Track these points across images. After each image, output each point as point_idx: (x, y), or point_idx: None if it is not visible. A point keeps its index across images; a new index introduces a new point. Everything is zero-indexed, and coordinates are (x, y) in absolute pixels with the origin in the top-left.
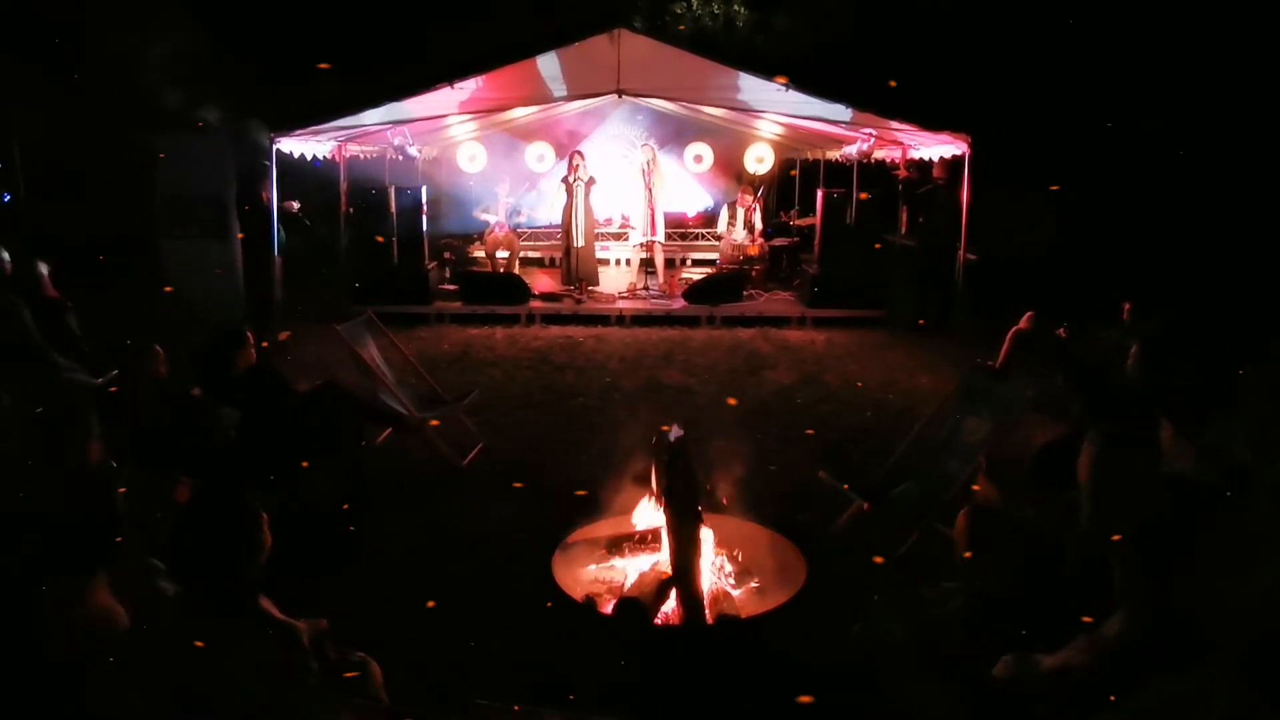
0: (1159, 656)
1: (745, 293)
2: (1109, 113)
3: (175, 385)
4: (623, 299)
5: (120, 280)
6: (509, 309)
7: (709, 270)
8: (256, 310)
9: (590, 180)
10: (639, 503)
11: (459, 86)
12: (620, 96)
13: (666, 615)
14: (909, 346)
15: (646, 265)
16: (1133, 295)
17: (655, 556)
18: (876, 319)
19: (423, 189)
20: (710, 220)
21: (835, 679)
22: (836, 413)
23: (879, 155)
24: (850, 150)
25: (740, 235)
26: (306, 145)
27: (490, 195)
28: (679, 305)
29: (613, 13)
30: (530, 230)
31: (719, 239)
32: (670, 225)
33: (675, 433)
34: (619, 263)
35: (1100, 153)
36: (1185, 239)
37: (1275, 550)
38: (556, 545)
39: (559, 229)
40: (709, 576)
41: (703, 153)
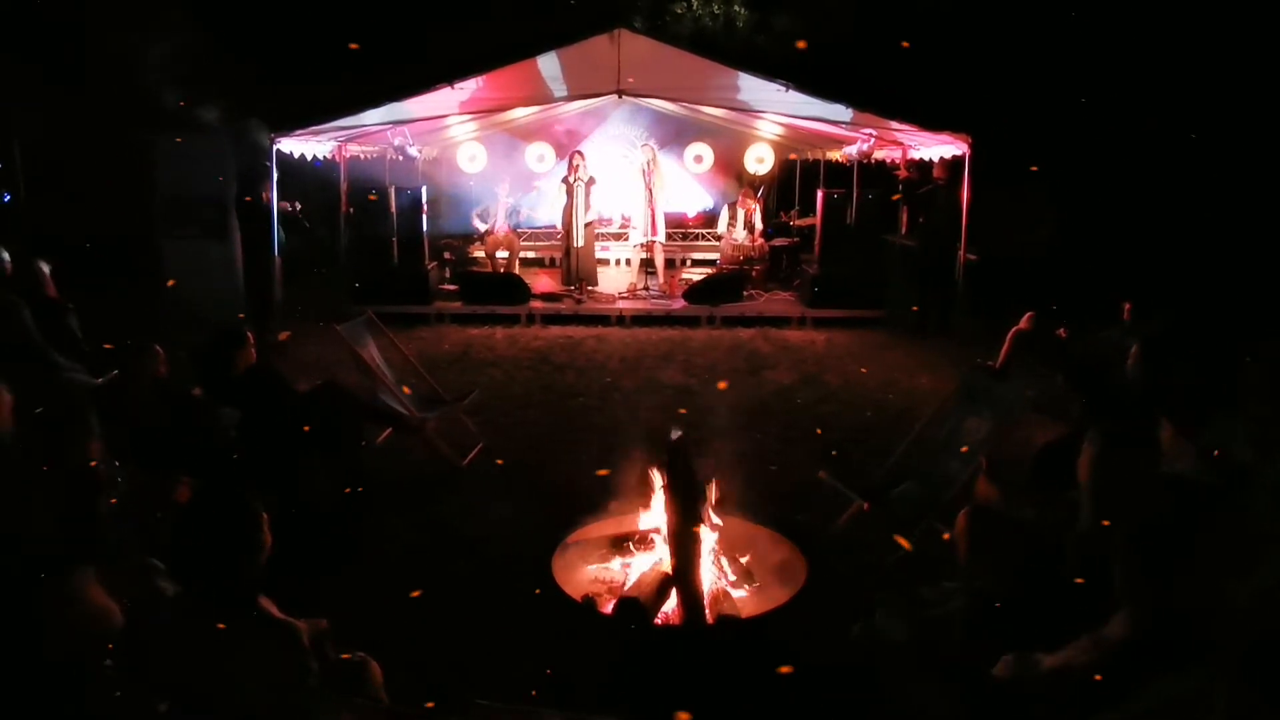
0: (1159, 657)
1: (745, 293)
2: (1109, 112)
3: (175, 385)
4: (623, 299)
5: (120, 280)
6: (509, 309)
7: (709, 270)
8: (256, 310)
9: (590, 180)
10: (639, 503)
11: (459, 86)
12: (620, 97)
13: (666, 615)
14: (909, 346)
15: (647, 265)
16: (1133, 295)
17: (655, 556)
18: (877, 319)
19: (423, 189)
20: (710, 220)
21: (835, 679)
22: (837, 413)
23: (879, 155)
24: (850, 150)
25: (740, 235)
26: (307, 145)
27: (490, 195)
28: (679, 305)
29: (613, 13)
30: (530, 230)
31: (719, 239)
32: (670, 225)
33: (674, 433)
34: (619, 263)
35: (1100, 153)
36: (1185, 239)
37: (1275, 550)
38: (556, 545)
39: (559, 229)
40: (709, 576)
41: (703, 153)
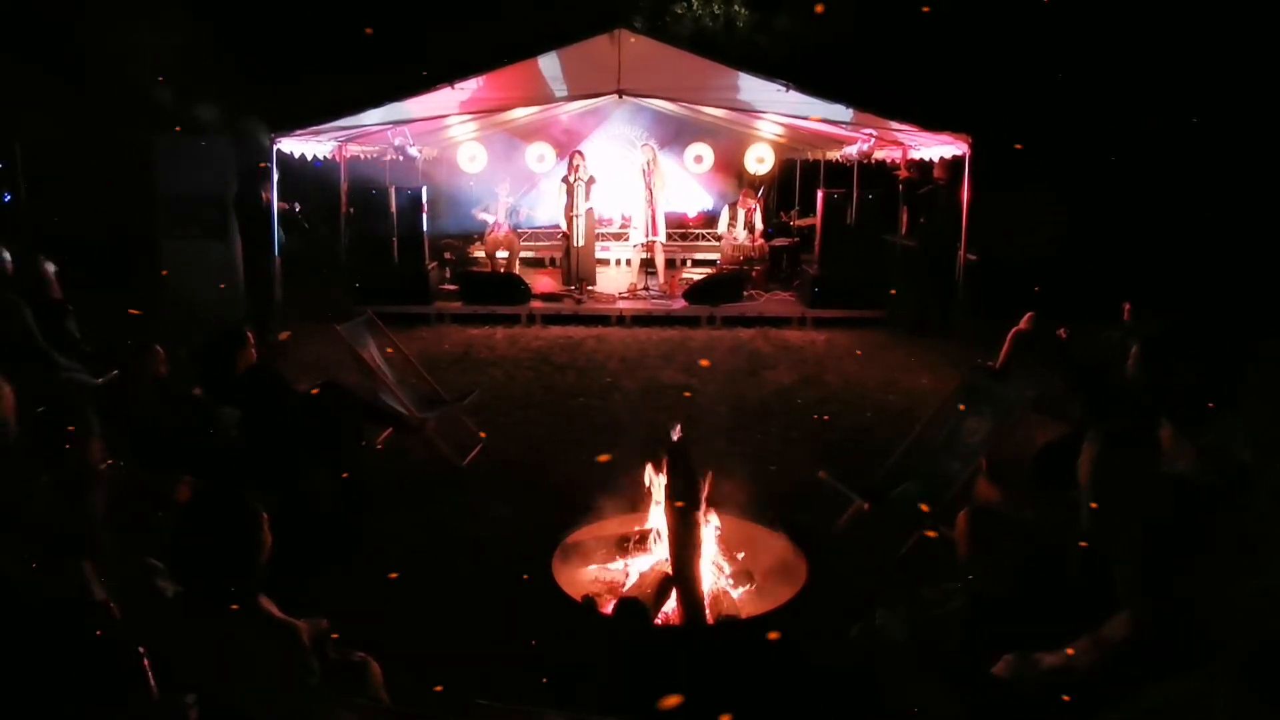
0: (1160, 658)
1: (745, 293)
2: (1109, 113)
3: (175, 385)
4: (623, 299)
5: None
6: (509, 309)
7: (709, 270)
8: (256, 310)
9: (591, 180)
10: (639, 503)
11: (460, 87)
12: (621, 97)
13: (666, 615)
14: (909, 347)
15: (647, 265)
16: (1133, 295)
17: (655, 556)
18: (877, 319)
19: (423, 189)
20: (711, 221)
21: (835, 679)
22: (837, 413)
23: (879, 156)
24: (851, 151)
25: (741, 235)
26: (307, 145)
27: (490, 195)
28: (679, 305)
29: (613, 13)
30: (530, 230)
31: (719, 239)
32: (671, 225)
33: (675, 433)
34: (619, 263)
35: (1100, 153)
36: (1185, 239)
37: (1276, 551)
38: (556, 545)
39: (559, 229)
40: (709, 576)
41: (703, 153)
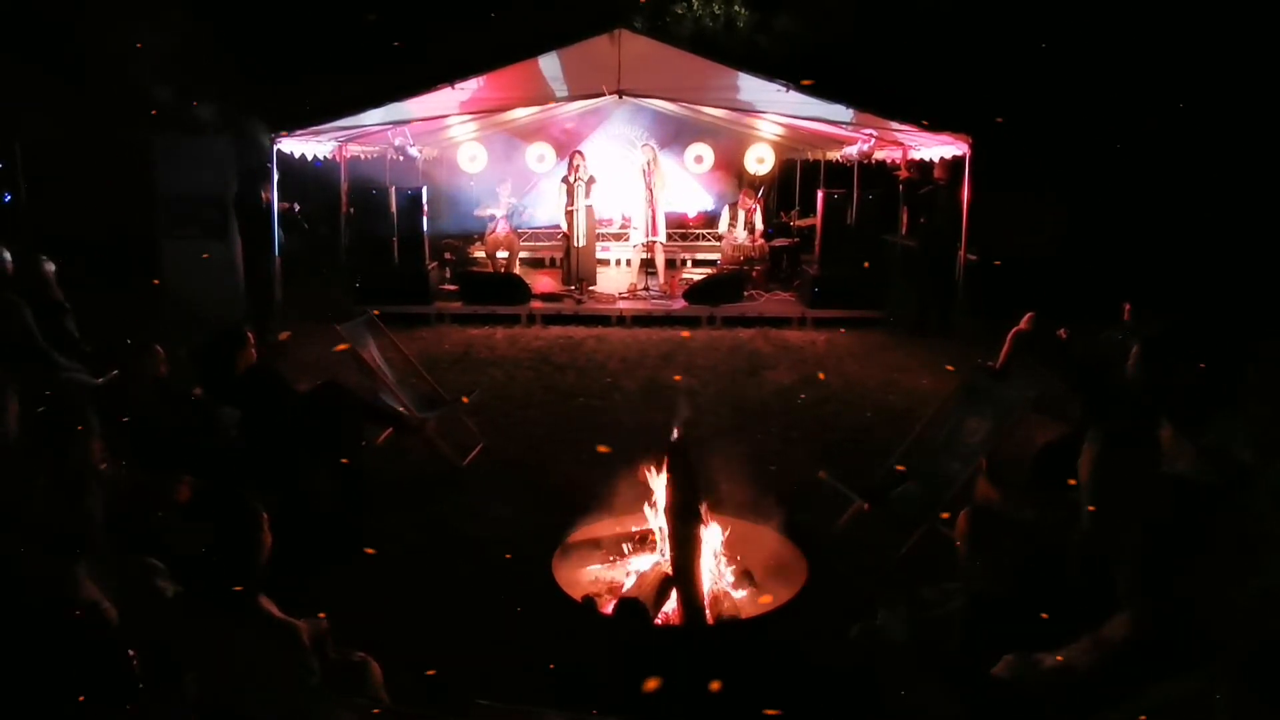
0: (1161, 658)
1: (745, 293)
2: (1109, 113)
3: (175, 385)
4: (623, 299)
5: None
6: (509, 309)
7: (709, 271)
8: (257, 310)
9: (591, 180)
10: (639, 503)
11: (460, 87)
12: (621, 97)
13: (666, 615)
14: (909, 347)
15: (647, 266)
16: (1133, 295)
17: (655, 556)
18: (877, 319)
19: (423, 189)
20: (711, 221)
21: (835, 679)
22: (837, 413)
23: (880, 156)
24: (851, 151)
25: (741, 236)
26: (307, 145)
27: (491, 195)
28: (679, 306)
29: (613, 13)
30: (530, 230)
31: (720, 239)
32: (671, 226)
33: (674, 433)
34: (619, 263)
35: (1100, 153)
36: (1185, 239)
37: (1276, 551)
38: (557, 545)
39: (559, 229)
40: (709, 577)
41: (703, 153)
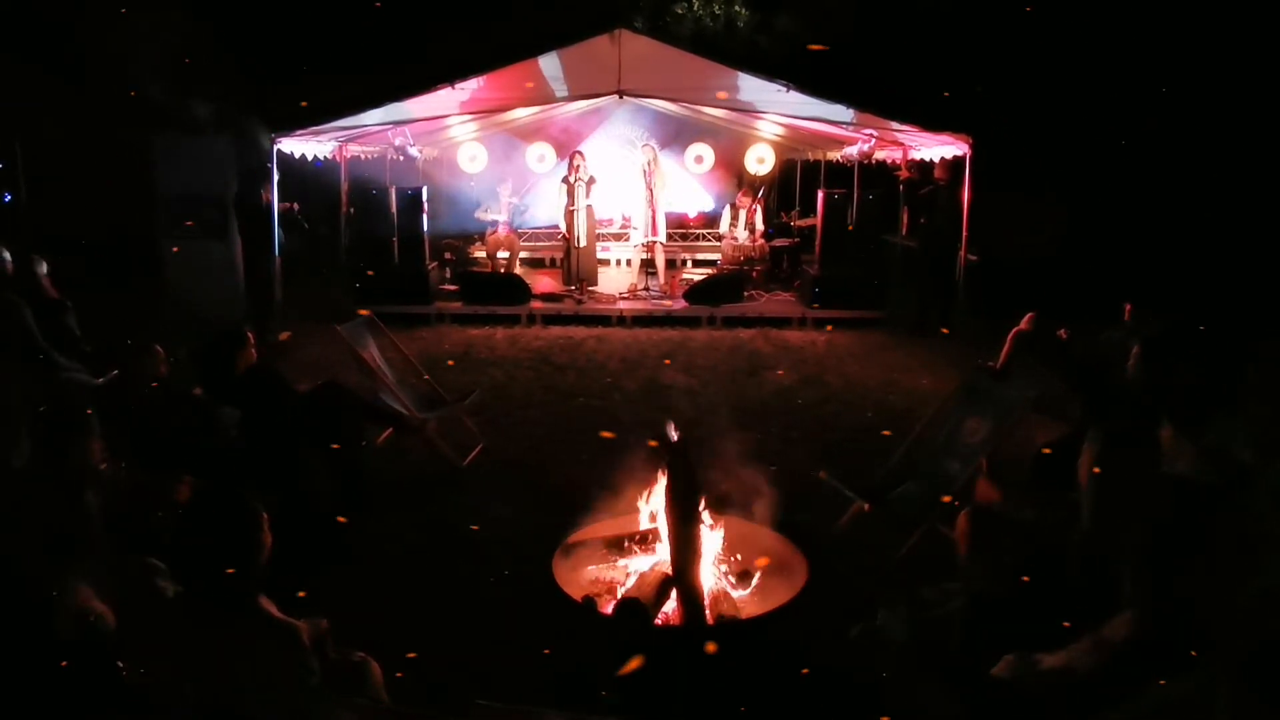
0: (1161, 658)
1: (746, 293)
2: (1109, 113)
3: (175, 385)
4: (623, 299)
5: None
6: (509, 309)
7: (710, 271)
8: (257, 310)
9: (591, 180)
10: (640, 503)
11: (460, 87)
12: (621, 97)
13: (666, 615)
14: (910, 347)
15: (647, 266)
16: (1133, 296)
17: (655, 556)
18: (877, 320)
19: (423, 189)
20: (711, 221)
21: (835, 679)
22: (837, 413)
23: (880, 156)
24: (851, 151)
25: (741, 236)
26: (307, 146)
27: (491, 195)
28: (680, 306)
29: (613, 13)
30: (530, 230)
31: (720, 239)
32: (671, 226)
33: (674, 434)
34: (620, 263)
35: (1101, 153)
36: (1185, 239)
37: (1276, 551)
38: (557, 545)
39: (559, 229)
40: (709, 577)
41: (704, 153)
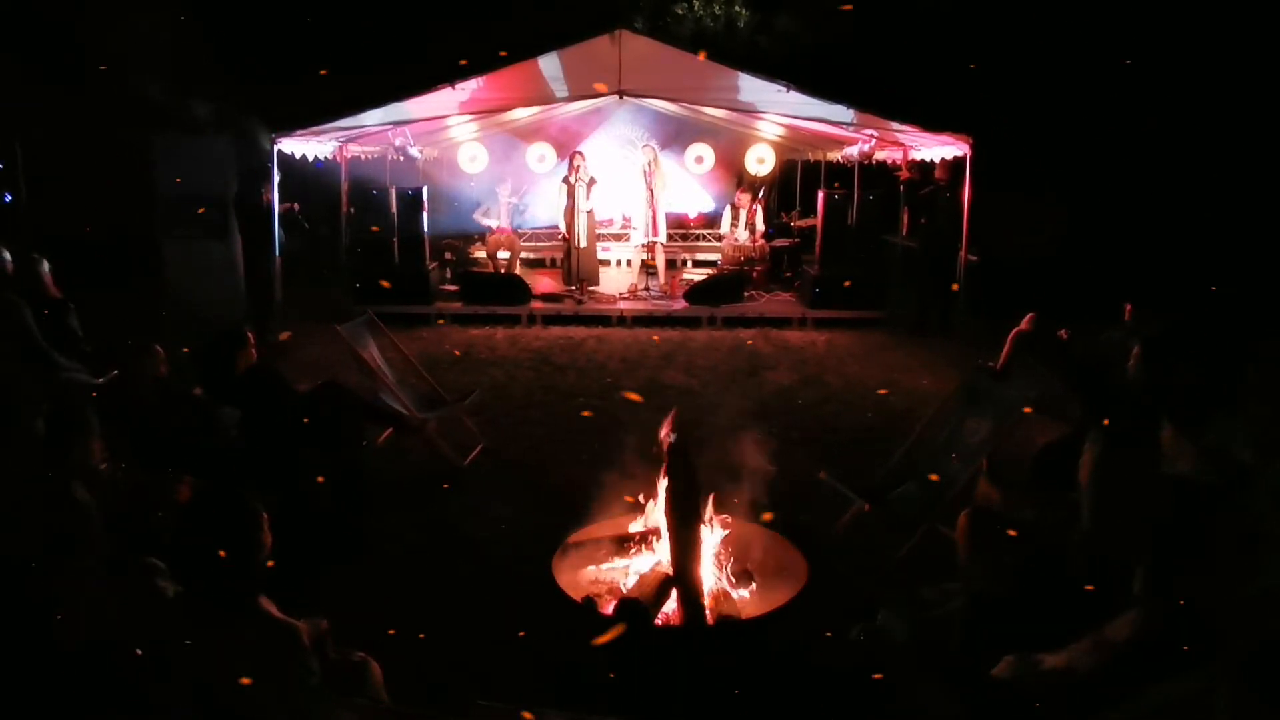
0: (1162, 658)
1: (746, 294)
2: (1109, 113)
3: (175, 385)
4: (624, 300)
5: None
6: (510, 309)
7: (710, 271)
8: (257, 310)
9: (591, 181)
10: (639, 503)
11: (460, 87)
12: (621, 97)
13: (667, 615)
14: (910, 347)
15: (648, 266)
16: (1134, 296)
17: (655, 556)
18: (877, 320)
19: (424, 189)
20: (711, 221)
21: (835, 679)
22: (837, 413)
23: (880, 156)
24: (851, 151)
25: (742, 236)
26: (308, 146)
27: (491, 196)
28: (680, 306)
29: (613, 13)
30: (530, 231)
31: (720, 240)
32: (671, 226)
33: (674, 434)
34: (620, 263)
35: (1101, 153)
36: (1186, 239)
37: (1276, 551)
38: (557, 546)
39: (559, 229)
40: (709, 577)
41: (704, 153)
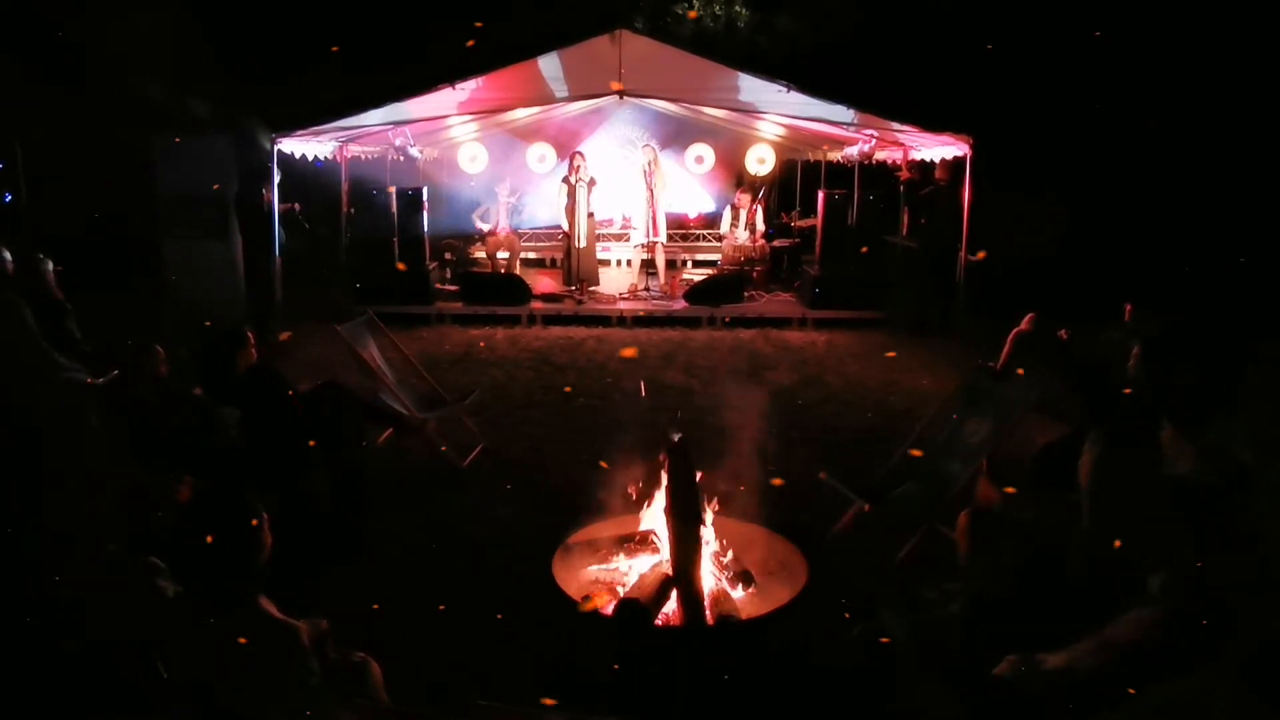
0: (1162, 658)
1: (746, 294)
2: (1109, 113)
3: (175, 385)
4: (624, 300)
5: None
6: (510, 309)
7: (710, 271)
8: (257, 310)
9: (591, 181)
10: (640, 503)
11: (460, 87)
12: (621, 97)
13: (667, 615)
14: (910, 347)
15: (648, 266)
16: (1133, 295)
17: (655, 557)
18: (878, 320)
19: (424, 189)
20: (712, 221)
21: (835, 679)
22: (837, 413)
23: (880, 156)
24: (852, 151)
25: (742, 236)
26: (308, 146)
27: (490, 196)
28: (680, 306)
29: (613, 13)
30: (530, 230)
31: (720, 240)
32: (672, 226)
33: (674, 434)
34: (620, 263)
35: (1101, 153)
36: (1186, 239)
37: (1276, 551)
38: (557, 546)
39: (559, 229)
40: (709, 577)
41: (704, 154)
